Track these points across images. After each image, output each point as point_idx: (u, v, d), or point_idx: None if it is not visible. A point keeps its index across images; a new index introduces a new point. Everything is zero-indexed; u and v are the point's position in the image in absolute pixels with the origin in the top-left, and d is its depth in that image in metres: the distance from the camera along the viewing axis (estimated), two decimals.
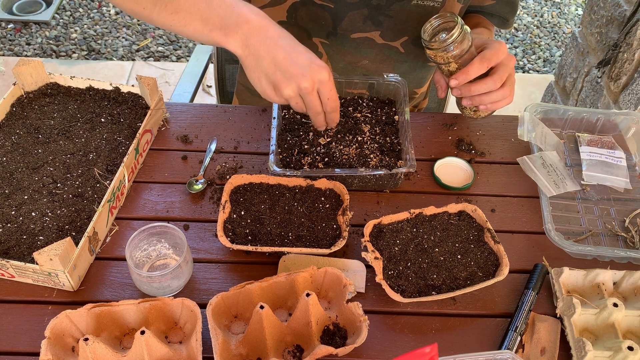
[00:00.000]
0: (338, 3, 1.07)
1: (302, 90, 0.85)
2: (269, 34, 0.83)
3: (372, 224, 0.91)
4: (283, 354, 0.81)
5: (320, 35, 1.13)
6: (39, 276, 0.84)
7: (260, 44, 0.83)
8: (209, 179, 1.03)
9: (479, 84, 1.00)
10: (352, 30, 1.12)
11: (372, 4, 1.06)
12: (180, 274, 0.84)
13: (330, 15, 1.09)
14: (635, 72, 1.76)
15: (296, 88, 0.84)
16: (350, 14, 1.09)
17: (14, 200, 0.92)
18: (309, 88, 0.84)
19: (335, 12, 1.08)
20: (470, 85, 1.00)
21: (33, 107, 1.07)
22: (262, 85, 0.86)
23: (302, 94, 0.85)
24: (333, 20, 1.10)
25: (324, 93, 0.87)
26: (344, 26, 1.11)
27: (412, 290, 0.86)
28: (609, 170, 1.06)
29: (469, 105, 1.04)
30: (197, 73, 1.45)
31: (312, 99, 0.86)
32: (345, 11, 1.08)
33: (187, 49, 2.93)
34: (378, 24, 1.10)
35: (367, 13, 1.08)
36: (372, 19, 1.09)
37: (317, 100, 0.87)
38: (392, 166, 1.00)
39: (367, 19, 1.09)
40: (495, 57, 0.99)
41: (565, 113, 1.13)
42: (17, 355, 0.80)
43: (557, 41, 3.07)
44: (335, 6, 1.07)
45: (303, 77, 0.83)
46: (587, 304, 0.85)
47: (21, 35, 2.93)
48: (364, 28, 1.11)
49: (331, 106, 0.89)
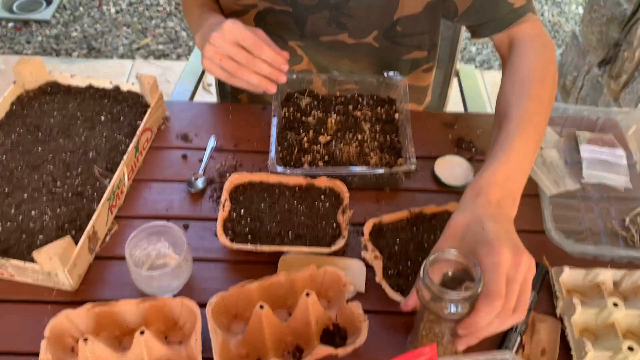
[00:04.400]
0: (296, 7, 1.07)
1: (216, 45, 0.92)
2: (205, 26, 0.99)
3: (372, 222, 0.91)
4: (283, 354, 0.81)
5: (294, 38, 1.14)
6: (39, 275, 0.84)
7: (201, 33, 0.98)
8: (209, 177, 1.03)
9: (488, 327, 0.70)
10: (318, 33, 1.11)
11: (329, 3, 1.05)
12: (180, 273, 0.84)
13: (293, 19, 1.10)
14: (635, 71, 1.76)
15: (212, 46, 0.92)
16: (311, 18, 1.08)
17: (14, 199, 0.92)
18: (220, 39, 0.91)
19: (296, 15, 1.09)
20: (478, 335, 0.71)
21: (33, 105, 1.06)
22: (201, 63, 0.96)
23: (219, 48, 0.92)
24: (297, 24, 1.11)
25: (238, 36, 0.91)
26: (308, 29, 1.11)
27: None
28: (610, 168, 1.06)
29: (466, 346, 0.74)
30: (197, 71, 1.44)
31: (228, 48, 0.92)
32: (305, 14, 1.08)
33: (187, 48, 2.93)
34: (342, 27, 1.09)
35: (328, 15, 1.07)
36: (334, 21, 1.08)
37: (237, 48, 0.92)
38: (392, 165, 1.00)
39: (331, 21, 1.08)
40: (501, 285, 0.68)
41: (565, 111, 1.12)
42: (17, 355, 0.80)
43: (558, 40, 3.07)
44: (293, 10, 1.07)
45: (212, 33, 0.92)
46: (587, 303, 0.85)
47: (21, 33, 2.93)
48: (330, 31, 1.11)
49: (250, 44, 0.92)
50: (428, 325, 0.74)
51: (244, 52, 0.93)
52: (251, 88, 0.96)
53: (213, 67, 0.95)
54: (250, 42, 0.92)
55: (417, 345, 0.78)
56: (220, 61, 0.93)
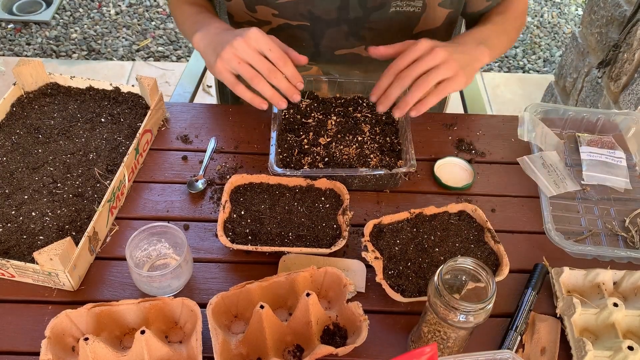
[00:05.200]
0: (314, 20, 1.07)
1: (238, 49, 0.91)
2: (211, 27, 0.99)
3: (372, 223, 0.91)
4: (283, 353, 0.81)
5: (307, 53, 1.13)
6: (39, 276, 0.84)
7: (209, 35, 0.98)
8: (209, 178, 1.03)
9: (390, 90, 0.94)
10: (334, 47, 1.12)
11: (349, 18, 1.06)
12: (181, 274, 0.84)
13: (310, 34, 1.10)
14: (635, 72, 1.76)
15: (233, 49, 0.91)
16: (329, 31, 1.08)
17: (14, 200, 0.92)
18: (244, 44, 0.91)
19: (313, 30, 1.09)
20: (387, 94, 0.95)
21: (33, 107, 1.07)
22: (211, 65, 0.95)
23: (241, 53, 0.91)
24: (313, 39, 1.11)
25: (263, 46, 0.91)
26: (325, 43, 1.11)
27: (412, 290, 0.86)
28: (609, 170, 1.06)
29: (401, 115, 0.95)
30: (197, 73, 1.44)
31: (251, 54, 0.91)
32: (323, 28, 1.08)
33: (187, 49, 2.93)
34: (361, 39, 1.10)
35: (347, 30, 1.08)
36: (353, 35, 1.09)
37: (259, 56, 0.91)
38: (392, 166, 1.00)
39: (349, 35, 1.09)
40: (404, 60, 0.93)
41: (565, 113, 1.13)
42: (17, 355, 0.80)
43: (557, 41, 3.07)
44: (312, 24, 1.08)
45: (235, 37, 0.92)
46: (587, 303, 0.85)
47: (21, 35, 2.93)
48: (347, 45, 1.11)
49: (276, 56, 0.92)
50: (433, 328, 0.75)
51: (267, 62, 0.92)
52: (255, 102, 0.95)
53: (224, 70, 0.94)
54: (277, 55, 0.92)
55: (419, 344, 0.78)
56: (238, 64, 0.92)
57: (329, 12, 1.06)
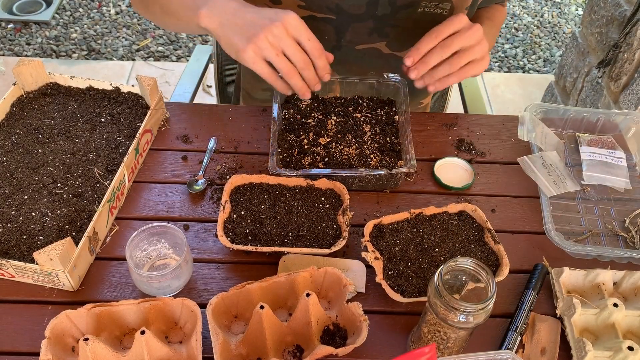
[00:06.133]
0: (341, 14, 1.05)
1: (276, 37, 0.84)
2: (229, 4, 0.88)
3: (372, 224, 0.91)
4: (283, 354, 0.81)
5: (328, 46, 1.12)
6: (39, 276, 0.84)
7: (224, 12, 0.87)
8: (209, 179, 1.03)
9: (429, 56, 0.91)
10: (357, 41, 1.10)
11: (377, 14, 1.05)
12: (180, 274, 0.84)
13: (334, 28, 1.08)
14: (635, 72, 1.76)
15: (270, 36, 0.83)
16: (354, 25, 1.08)
17: (14, 200, 0.92)
18: (283, 32, 0.84)
19: (338, 23, 1.07)
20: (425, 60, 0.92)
21: (33, 107, 1.07)
22: (239, 50, 0.85)
23: (279, 41, 0.84)
24: (336, 33, 1.09)
25: (303, 35, 0.86)
26: (348, 38, 1.10)
27: (412, 290, 0.86)
28: (609, 170, 1.06)
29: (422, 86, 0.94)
30: (197, 73, 1.45)
31: (290, 44, 0.85)
32: (349, 22, 1.07)
33: (187, 49, 2.93)
34: (384, 35, 1.09)
35: (372, 25, 1.07)
36: (378, 31, 1.08)
37: (297, 46, 0.86)
38: (392, 166, 1.00)
39: (373, 31, 1.08)
40: (447, 28, 0.91)
41: (565, 113, 1.12)
42: (17, 355, 0.80)
43: (558, 41, 3.07)
44: (337, 17, 1.06)
45: (273, 22, 0.84)
46: (587, 304, 0.85)
47: (21, 35, 2.93)
48: (370, 40, 1.10)
49: (313, 47, 0.87)
50: (433, 328, 0.75)
51: (303, 54, 0.87)
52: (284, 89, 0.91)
53: (258, 60, 0.86)
54: (313, 45, 0.87)
55: (419, 345, 0.78)
56: (276, 56, 0.85)
57: (358, 7, 1.04)
